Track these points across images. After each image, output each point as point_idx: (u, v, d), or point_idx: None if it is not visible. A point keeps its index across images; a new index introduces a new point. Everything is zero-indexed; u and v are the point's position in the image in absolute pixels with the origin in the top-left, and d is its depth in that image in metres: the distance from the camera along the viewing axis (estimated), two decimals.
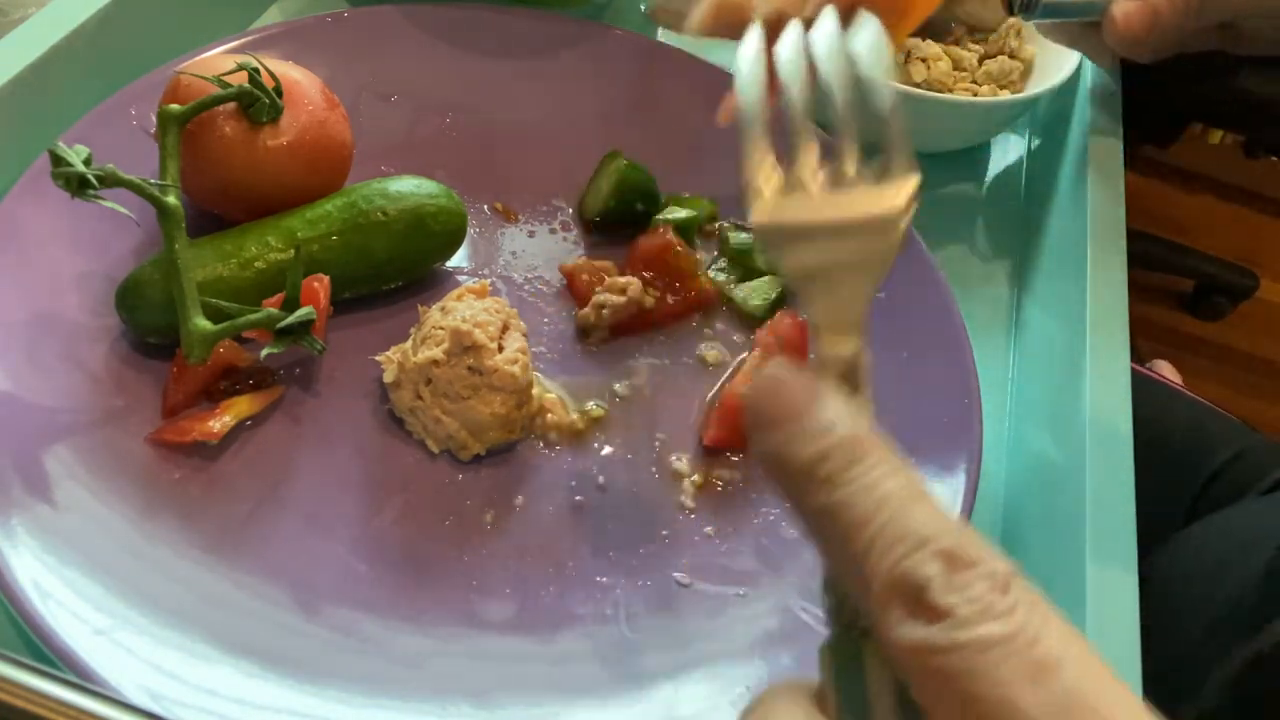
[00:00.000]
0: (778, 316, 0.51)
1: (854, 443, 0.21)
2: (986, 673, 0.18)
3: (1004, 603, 0.19)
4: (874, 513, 0.20)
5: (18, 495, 0.40)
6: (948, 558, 0.19)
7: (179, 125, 0.44)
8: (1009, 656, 0.19)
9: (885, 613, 0.20)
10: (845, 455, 0.21)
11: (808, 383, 0.22)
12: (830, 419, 0.22)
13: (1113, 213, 0.55)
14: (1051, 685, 0.18)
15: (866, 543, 0.20)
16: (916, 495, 0.21)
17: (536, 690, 0.40)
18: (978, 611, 0.19)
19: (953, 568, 0.19)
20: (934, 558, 0.19)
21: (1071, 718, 0.18)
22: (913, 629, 0.19)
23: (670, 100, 0.61)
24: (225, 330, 0.42)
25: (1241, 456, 0.70)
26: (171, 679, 0.37)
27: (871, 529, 0.20)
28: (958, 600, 0.19)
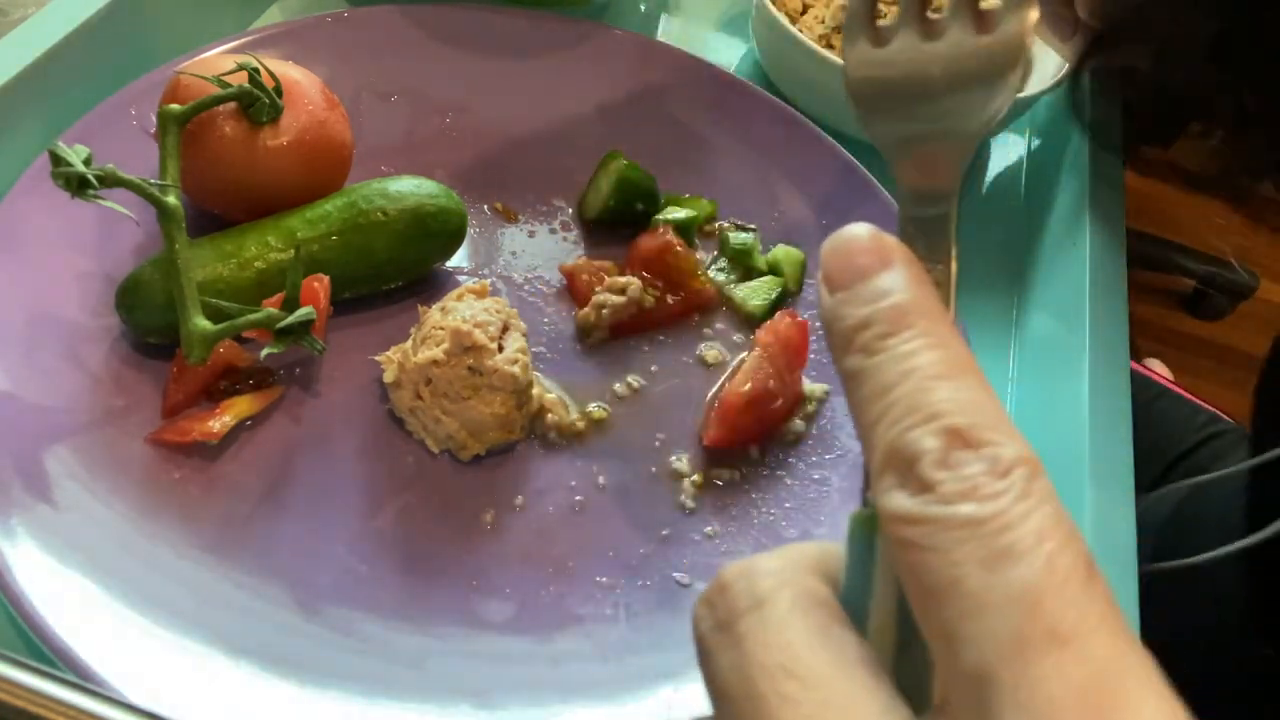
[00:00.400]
0: (777, 316, 0.51)
1: (900, 313, 0.20)
2: (945, 550, 0.18)
3: (993, 487, 0.18)
4: (895, 384, 0.20)
5: (18, 495, 0.40)
6: (952, 435, 0.19)
7: (179, 125, 0.44)
8: (971, 539, 0.18)
9: (879, 481, 0.19)
10: (888, 324, 0.20)
11: (879, 245, 0.21)
12: (887, 287, 0.21)
13: (1113, 213, 0.55)
14: (1005, 573, 0.17)
15: (880, 411, 0.20)
16: (950, 372, 0.20)
17: (536, 690, 0.40)
18: (960, 491, 0.18)
19: (953, 445, 0.19)
20: (937, 433, 0.19)
21: (1017, 607, 0.17)
22: (897, 498, 0.19)
23: (670, 100, 0.61)
24: (225, 330, 0.42)
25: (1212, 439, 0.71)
26: (171, 679, 0.37)
27: (888, 399, 0.20)
28: (945, 477, 0.18)
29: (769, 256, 0.56)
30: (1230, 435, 0.76)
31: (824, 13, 0.66)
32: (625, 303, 0.51)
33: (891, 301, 0.20)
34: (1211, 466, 0.71)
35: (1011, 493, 0.18)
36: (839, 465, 0.48)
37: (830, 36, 0.66)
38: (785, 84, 0.66)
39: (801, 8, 0.68)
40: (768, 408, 0.48)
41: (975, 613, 0.17)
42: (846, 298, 0.21)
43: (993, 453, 0.18)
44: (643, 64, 0.62)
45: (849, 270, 0.21)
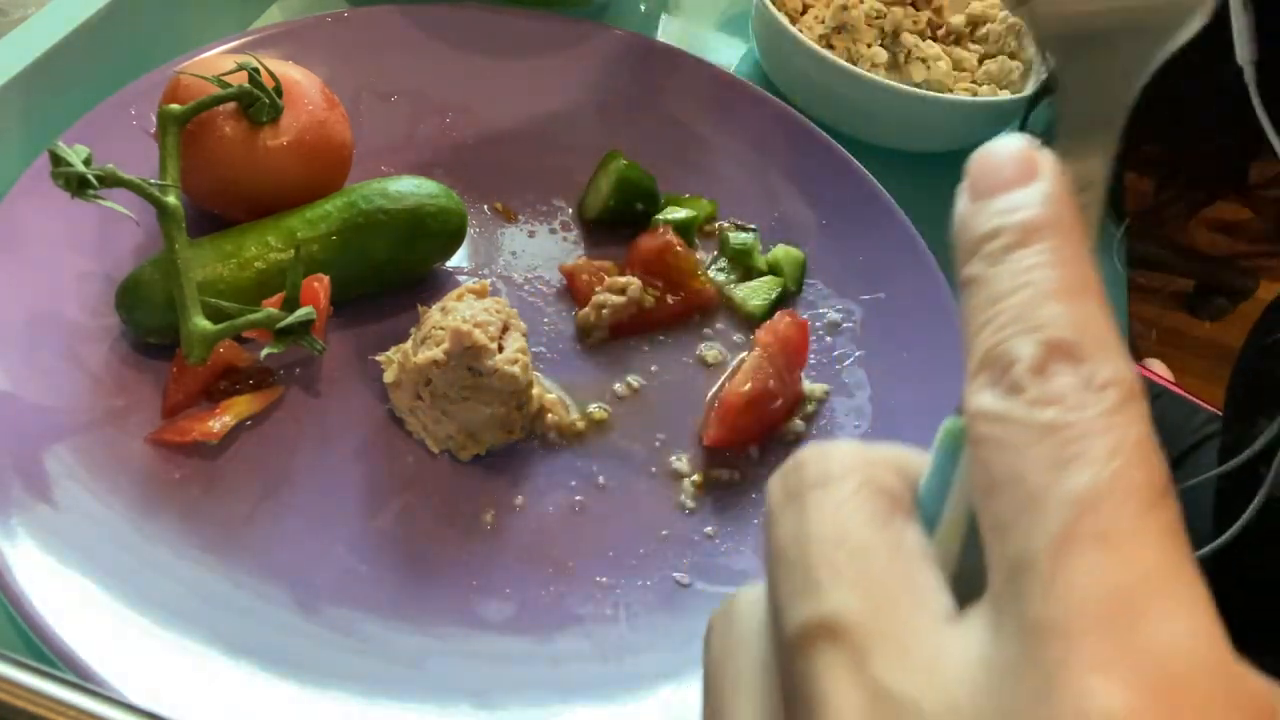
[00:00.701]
0: (777, 316, 0.51)
1: (1032, 227, 0.19)
2: (1019, 448, 0.17)
3: (1080, 398, 0.17)
4: (1008, 294, 0.19)
5: (18, 495, 0.40)
6: (1053, 346, 0.18)
7: (179, 125, 0.44)
8: (1046, 442, 0.17)
9: (972, 381, 0.19)
10: (1017, 236, 0.19)
11: (1028, 159, 0.20)
12: (1025, 200, 0.20)
13: (1113, 213, 0.55)
14: (1070, 476, 0.17)
15: (987, 319, 0.19)
16: (1068, 290, 0.19)
17: (536, 690, 0.40)
18: (1047, 397, 0.18)
19: (1052, 356, 0.18)
20: (1039, 343, 0.18)
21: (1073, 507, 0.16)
22: (985, 396, 0.18)
23: (670, 100, 0.61)
24: (225, 330, 0.42)
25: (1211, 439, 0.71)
26: (171, 679, 0.37)
27: (998, 307, 0.19)
28: (1036, 383, 0.18)
29: (769, 256, 0.56)
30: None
31: (824, 13, 0.66)
32: (625, 303, 0.51)
33: (1026, 215, 0.20)
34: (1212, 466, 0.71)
35: (1098, 408, 0.17)
36: None
37: (830, 36, 0.66)
38: (785, 84, 0.66)
39: (801, 8, 0.68)
40: (768, 408, 0.48)
41: (1031, 505, 0.17)
42: (981, 206, 0.20)
43: (1090, 369, 0.18)
44: (643, 64, 0.62)
45: (991, 180, 0.21)
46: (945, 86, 0.65)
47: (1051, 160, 0.20)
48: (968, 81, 0.66)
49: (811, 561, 0.19)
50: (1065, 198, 0.20)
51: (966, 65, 0.66)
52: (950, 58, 0.66)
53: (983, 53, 0.68)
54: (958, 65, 0.66)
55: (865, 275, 0.55)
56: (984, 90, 0.65)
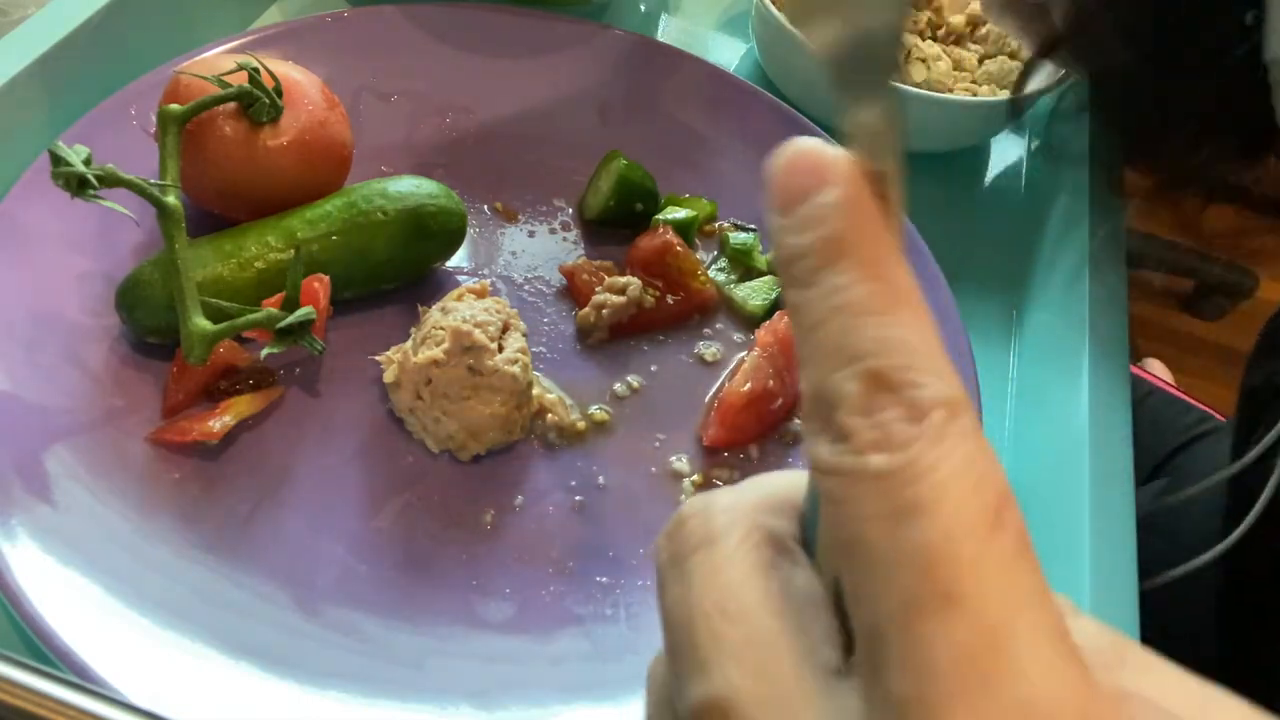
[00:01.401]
0: (778, 316, 0.51)
1: (833, 245, 0.19)
2: (852, 504, 0.17)
3: (905, 433, 0.17)
4: (822, 322, 0.18)
5: (18, 495, 0.40)
6: (873, 378, 0.18)
7: (179, 125, 0.44)
8: (877, 492, 0.17)
9: (806, 425, 0.19)
10: (819, 259, 0.19)
11: (816, 161, 0.20)
12: (822, 213, 0.19)
13: (1113, 213, 0.55)
14: (906, 531, 0.16)
15: (809, 352, 0.19)
16: (881, 306, 0.18)
17: (536, 690, 0.40)
18: (873, 441, 0.17)
19: (874, 389, 0.18)
20: (858, 376, 0.18)
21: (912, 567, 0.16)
22: (818, 446, 0.18)
23: (670, 100, 0.61)
24: (225, 330, 0.42)
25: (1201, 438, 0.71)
26: (171, 679, 0.37)
27: (816, 339, 0.19)
28: (861, 425, 0.17)
29: (769, 256, 0.56)
30: (1219, 433, 0.76)
31: None
32: (625, 303, 0.51)
33: (825, 231, 0.19)
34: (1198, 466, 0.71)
35: (924, 439, 0.17)
36: None
37: None
38: (785, 84, 0.66)
39: None
40: (768, 408, 0.48)
41: (873, 571, 0.17)
42: (786, 224, 0.20)
43: (911, 395, 0.17)
44: (643, 64, 0.62)
45: (788, 190, 0.20)
46: (945, 86, 0.65)
47: (842, 158, 0.20)
48: (968, 81, 0.66)
49: (698, 637, 0.19)
50: (862, 199, 0.19)
51: (966, 65, 0.66)
52: (950, 58, 0.66)
53: (983, 53, 0.68)
54: (958, 65, 0.66)
55: None
56: (984, 90, 0.65)
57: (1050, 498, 0.46)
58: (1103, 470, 0.43)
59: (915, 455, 0.17)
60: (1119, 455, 0.44)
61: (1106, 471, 0.43)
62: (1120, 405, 0.46)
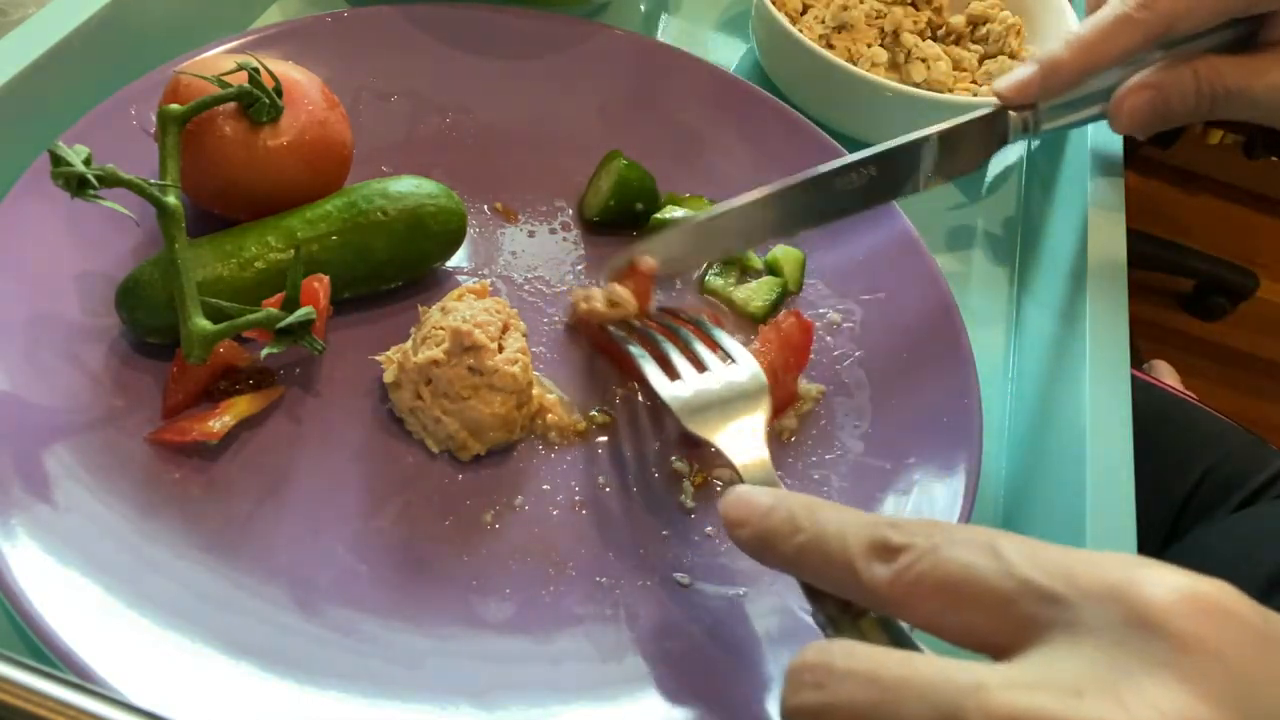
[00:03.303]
0: (783, 315, 0.51)
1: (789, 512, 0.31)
2: (952, 557, 0.26)
3: (937, 527, 0.28)
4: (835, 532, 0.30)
5: (18, 495, 0.40)
6: (889, 523, 0.28)
7: (179, 125, 0.44)
8: (958, 545, 0.27)
9: (869, 568, 0.28)
10: (790, 519, 0.31)
11: (747, 491, 0.33)
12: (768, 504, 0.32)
13: (1113, 213, 0.55)
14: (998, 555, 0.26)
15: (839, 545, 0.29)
16: (829, 506, 0.31)
17: (536, 690, 0.40)
18: (925, 536, 0.27)
19: (895, 526, 0.28)
20: (881, 524, 0.29)
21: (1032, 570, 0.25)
22: (887, 565, 0.28)
23: (670, 100, 0.61)
24: (225, 330, 0.42)
25: (1225, 460, 0.70)
26: (171, 679, 0.37)
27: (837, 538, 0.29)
28: (907, 537, 0.28)
29: (768, 257, 0.56)
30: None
31: (824, 13, 0.66)
32: (589, 311, 0.50)
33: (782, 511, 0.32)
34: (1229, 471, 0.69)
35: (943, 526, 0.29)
36: (838, 465, 0.48)
37: (830, 36, 0.66)
38: (785, 84, 0.66)
39: (801, 8, 0.68)
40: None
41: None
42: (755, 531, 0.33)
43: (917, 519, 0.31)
44: (643, 64, 0.62)
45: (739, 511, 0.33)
46: (945, 86, 0.65)
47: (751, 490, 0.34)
48: (968, 81, 0.66)
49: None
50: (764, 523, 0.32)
51: (966, 65, 0.66)
52: (950, 58, 0.66)
53: (983, 53, 0.68)
54: (958, 65, 0.66)
55: (865, 275, 0.55)
56: (984, 90, 0.65)
57: (1050, 498, 0.46)
58: (1103, 470, 0.43)
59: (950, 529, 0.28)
60: (1119, 455, 0.44)
61: (1107, 471, 0.43)
62: (1120, 405, 0.46)
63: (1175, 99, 0.48)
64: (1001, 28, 0.67)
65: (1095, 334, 0.48)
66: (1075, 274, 0.53)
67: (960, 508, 0.45)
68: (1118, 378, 0.47)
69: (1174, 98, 0.48)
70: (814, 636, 0.41)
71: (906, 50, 0.65)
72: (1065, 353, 0.50)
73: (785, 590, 0.44)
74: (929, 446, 0.48)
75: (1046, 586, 0.25)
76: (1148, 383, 0.80)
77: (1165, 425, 0.73)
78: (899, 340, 0.52)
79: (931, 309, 0.52)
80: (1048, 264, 0.58)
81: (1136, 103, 0.49)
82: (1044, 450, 0.49)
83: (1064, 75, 0.48)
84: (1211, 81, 0.48)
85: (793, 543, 0.31)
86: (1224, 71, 0.48)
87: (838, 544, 0.29)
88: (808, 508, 0.31)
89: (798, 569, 0.31)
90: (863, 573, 0.28)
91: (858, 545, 0.28)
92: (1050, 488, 0.47)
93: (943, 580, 0.26)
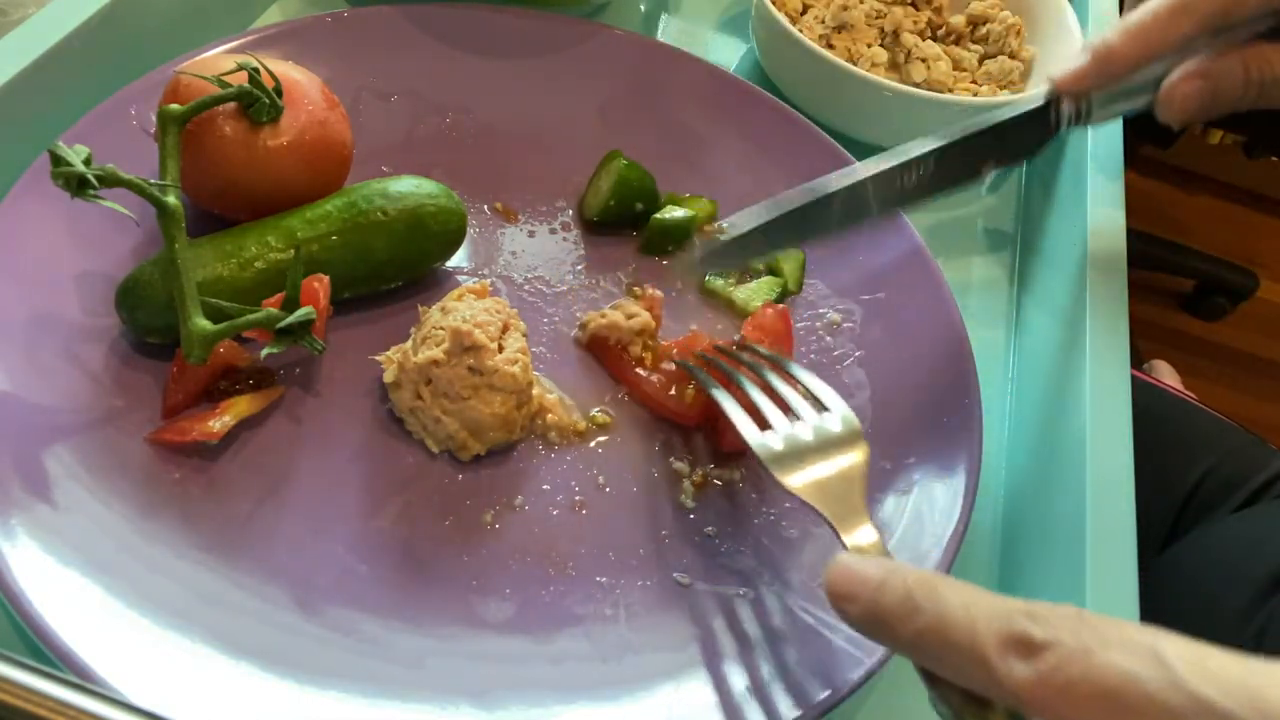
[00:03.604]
0: (760, 308, 0.51)
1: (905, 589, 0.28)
2: (1110, 663, 0.23)
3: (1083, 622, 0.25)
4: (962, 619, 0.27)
5: (18, 495, 0.40)
6: (1024, 611, 0.26)
7: (179, 125, 0.44)
8: (1113, 647, 0.24)
9: (1007, 665, 0.25)
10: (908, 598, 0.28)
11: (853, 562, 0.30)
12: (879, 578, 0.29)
13: (1113, 213, 0.55)
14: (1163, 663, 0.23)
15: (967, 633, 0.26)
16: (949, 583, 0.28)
17: (536, 690, 0.40)
18: (1072, 634, 0.24)
19: (1032, 616, 0.25)
20: (1016, 613, 0.26)
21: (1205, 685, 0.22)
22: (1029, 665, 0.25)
23: (670, 100, 0.61)
24: (225, 330, 0.42)
25: (1225, 460, 0.70)
26: (171, 679, 0.37)
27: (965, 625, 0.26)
28: (1051, 633, 0.25)
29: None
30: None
31: (824, 13, 0.66)
32: (617, 326, 0.50)
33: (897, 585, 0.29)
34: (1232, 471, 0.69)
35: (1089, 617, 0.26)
36: None
37: (830, 36, 0.66)
38: (785, 84, 0.66)
39: (801, 8, 0.68)
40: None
41: None
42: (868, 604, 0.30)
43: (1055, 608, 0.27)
44: (643, 64, 0.62)
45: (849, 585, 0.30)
46: (945, 86, 0.65)
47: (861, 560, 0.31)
48: (968, 81, 0.66)
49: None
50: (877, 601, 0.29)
51: (966, 65, 0.66)
52: (950, 58, 0.66)
53: (983, 53, 0.68)
54: (958, 65, 0.66)
55: (865, 275, 0.55)
56: (984, 90, 0.65)
57: (1050, 498, 0.46)
58: (1103, 470, 0.43)
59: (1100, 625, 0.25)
60: (1119, 455, 0.44)
61: (1106, 471, 0.43)
62: (1121, 406, 0.46)
63: (1225, 88, 0.48)
64: (1001, 28, 0.67)
65: (1095, 334, 0.48)
66: (1075, 274, 0.53)
67: (960, 508, 0.45)
68: (1118, 378, 0.47)
69: (1224, 87, 0.48)
70: (814, 636, 0.42)
71: (906, 50, 0.65)
72: (1065, 353, 0.50)
73: (785, 590, 0.44)
74: (929, 446, 0.48)
75: (1225, 709, 0.22)
76: (1148, 383, 0.80)
77: (1165, 425, 0.72)
78: (899, 340, 0.52)
79: (932, 309, 0.52)
80: (1048, 264, 0.58)
81: (1188, 92, 0.48)
82: (1044, 450, 0.49)
83: (1119, 64, 0.48)
84: (1261, 69, 0.47)
85: (911, 626, 0.28)
86: (1273, 60, 0.48)
87: (965, 632, 0.26)
88: (926, 584, 0.28)
89: (916, 654, 0.28)
90: (998, 669, 0.25)
91: (991, 637, 0.25)
92: (1050, 488, 0.47)
93: (1099, 689, 0.23)
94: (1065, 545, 0.42)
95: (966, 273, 0.61)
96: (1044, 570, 0.44)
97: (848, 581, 0.30)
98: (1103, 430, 0.45)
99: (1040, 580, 0.44)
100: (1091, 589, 0.39)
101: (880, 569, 0.29)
